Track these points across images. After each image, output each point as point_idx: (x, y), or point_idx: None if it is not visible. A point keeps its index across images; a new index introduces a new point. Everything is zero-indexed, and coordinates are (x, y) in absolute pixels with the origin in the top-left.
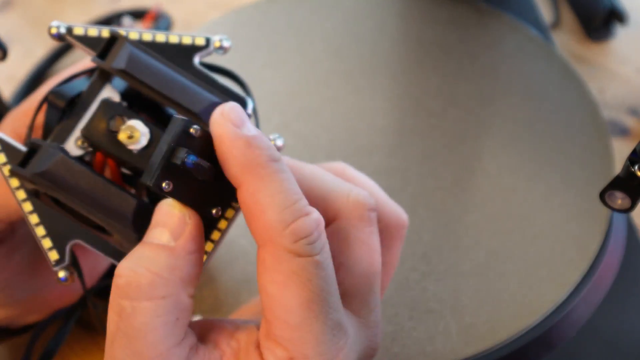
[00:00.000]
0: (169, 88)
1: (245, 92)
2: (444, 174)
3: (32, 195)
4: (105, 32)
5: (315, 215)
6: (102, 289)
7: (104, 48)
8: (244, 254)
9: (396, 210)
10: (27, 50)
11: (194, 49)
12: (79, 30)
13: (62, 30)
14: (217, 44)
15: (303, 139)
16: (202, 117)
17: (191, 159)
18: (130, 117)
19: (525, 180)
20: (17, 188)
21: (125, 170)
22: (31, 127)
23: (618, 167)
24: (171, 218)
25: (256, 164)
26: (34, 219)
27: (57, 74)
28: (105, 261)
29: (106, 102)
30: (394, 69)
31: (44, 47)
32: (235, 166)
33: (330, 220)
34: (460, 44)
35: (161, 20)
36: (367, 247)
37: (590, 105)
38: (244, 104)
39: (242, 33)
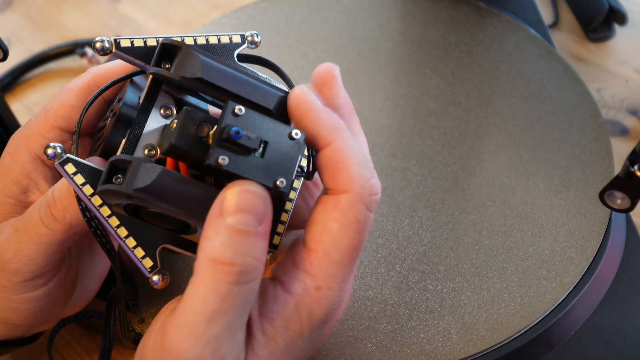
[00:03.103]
0: (242, 89)
1: (284, 81)
2: (444, 174)
3: (113, 210)
4: (150, 41)
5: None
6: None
7: (158, 58)
8: None
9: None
10: (27, 50)
11: (232, 46)
12: (125, 43)
13: (107, 45)
14: (250, 39)
15: None
16: (274, 112)
17: (235, 129)
18: (213, 122)
19: (525, 180)
20: (100, 205)
21: (194, 172)
22: (77, 140)
23: (618, 167)
24: (256, 202)
25: (341, 127)
26: (122, 232)
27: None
28: (104, 266)
29: (191, 111)
30: (394, 69)
31: (44, 46)
32: (326, 128)
33: (341, 191)
34: (460, 44)
35: None
36: (359, 225)
37: (590, 105)
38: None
39: None
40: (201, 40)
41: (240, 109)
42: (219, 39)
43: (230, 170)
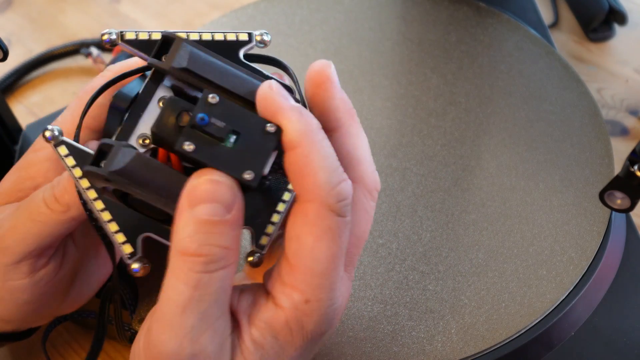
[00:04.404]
0: (228, 81)
1: (290, 78)
2: (444, 174)
3: (101, 194)
4: (155, 35)
5: (350, 181)
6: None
7: (158, 50)
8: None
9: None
10: (28, 50)
11: (238, 44)
12: (130, 35)
13: (113, 37)
14: (259, 38)
15: None
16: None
17: (200, 116)
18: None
19: (525, 180)
20: (88, 188)
21: (187, 164)
22: (79, 127)
23: (618, 167)
24: (221, 191)
25: (310, 129)
26: (106, 216)
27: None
28: (107, 269)
29: (173, 100)
30: (394, 69)
31: (44, 47)
32: (293, 131)
33: (307, 200)
34: (460, 44)
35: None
36: (368, 217)
37: (590, 105)
38: (290, 91)
39: None
40: (206, 37)
41: (213, 96)
42: (225, 36)
43: (196, 158)
